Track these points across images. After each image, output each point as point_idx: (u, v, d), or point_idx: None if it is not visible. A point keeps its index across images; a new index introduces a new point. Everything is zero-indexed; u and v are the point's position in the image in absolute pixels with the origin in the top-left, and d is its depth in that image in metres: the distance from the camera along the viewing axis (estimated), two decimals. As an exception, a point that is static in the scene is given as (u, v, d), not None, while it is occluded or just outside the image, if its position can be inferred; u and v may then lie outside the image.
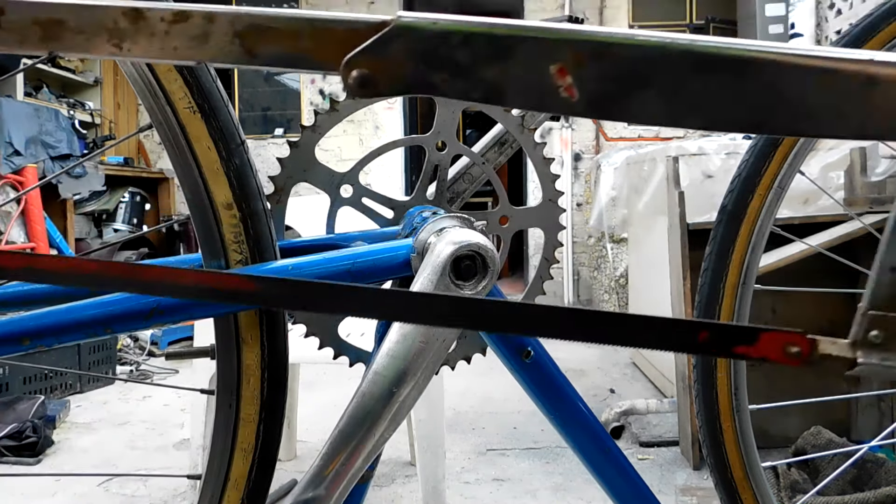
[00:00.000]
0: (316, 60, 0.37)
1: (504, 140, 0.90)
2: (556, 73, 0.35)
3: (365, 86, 0.36)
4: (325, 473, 0.58)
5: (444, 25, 0.35)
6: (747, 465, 1.02)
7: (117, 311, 0.63)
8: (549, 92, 0.35)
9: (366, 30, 0.36)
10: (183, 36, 0.37)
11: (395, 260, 0.67)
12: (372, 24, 0.36)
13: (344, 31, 0.36)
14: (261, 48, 0.37)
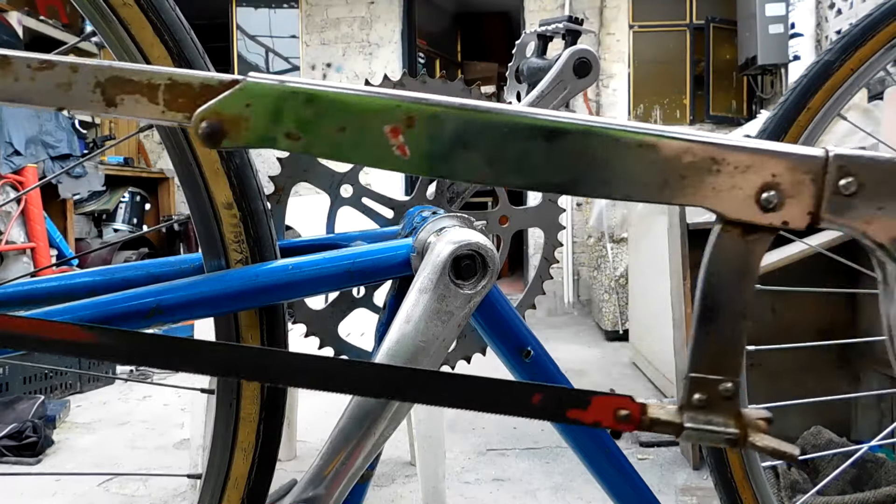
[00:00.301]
0: (171, 112, 0.40)
1: (504, 140, 0.90)
2: (390, 132, 0.38)
3: (212, 137, 0.39)
4: (325, 473, 0.58)
5: (289, 87, 0.39)
6: (747, 465, 1.02)
7: (117, 311, 0.63)
8: (384, 150, 0.38)
9: (218, 87, 0.39)
10: (48, 83, 0.40)
11: (394, 259, 0.67)
12: (224, 81, 0.39)
13: (199, 87, 0.40)
14: (120, 99, 0.40)
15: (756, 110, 6.04)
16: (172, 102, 0.40)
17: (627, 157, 0.38)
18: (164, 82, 0.40)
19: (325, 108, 0.39)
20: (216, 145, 0.39)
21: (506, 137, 0.38)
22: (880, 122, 2.36)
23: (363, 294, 0.82)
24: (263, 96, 0.39)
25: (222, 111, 0.39)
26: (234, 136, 0.39)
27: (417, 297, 0.58)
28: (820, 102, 0.92)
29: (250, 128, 0.39)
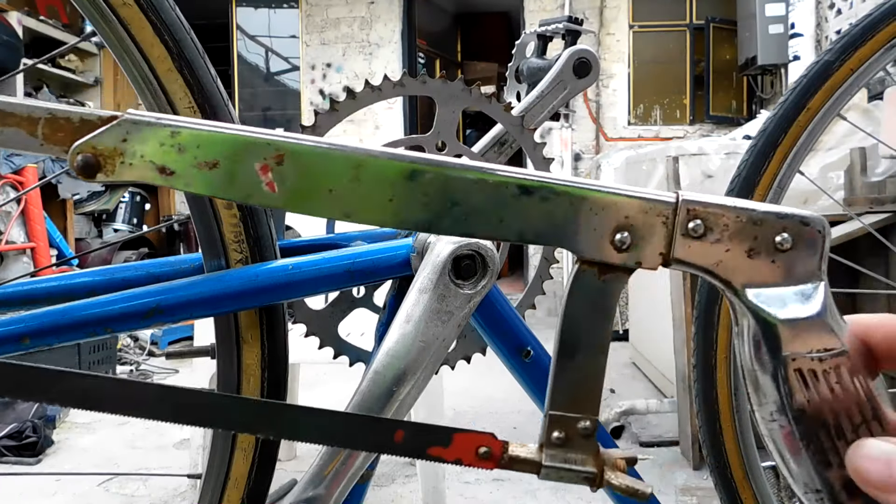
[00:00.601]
0: (48, 145, 0.42)
1: (504, 140, 0.90)
2: (259, 169, 0.39)
3: (86, 169, 0.40)
4: (324, 473, 0.58)
5: (166, 124, 0.40)
6: (747, 465, 1.02)
7: (117, 311, 0.63)
8: (254, 186, 0.39)
9: (97, 122, 0.41)
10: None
11: (394, 259, 0.67)
12: (103, 117, 0.41)
13: (78, 122, 0.41)
14: (1, 132, 0.42)
15: (756, 110, 6.04)
16: (51, 136, 0.42)
17: (485, 197, 0.39)
18: (43, 116, 0.42)
19: (196, 145, 0.40)
20: (90, 178, 0.40)
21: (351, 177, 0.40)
22: (880, 122, 2.36)
23: (363, 294, 0.82)
24: (139, 132, 0.40)
25: (98, 145, 0.40)
26: (108, 169, 0.40)
27: (417, 296, 0.58)
28: (820, 102, 0.92)
29: (125, 162, 0.40)
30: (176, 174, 0.40)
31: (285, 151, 0.39)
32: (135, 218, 5.80)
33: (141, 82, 0.62)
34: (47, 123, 0.42)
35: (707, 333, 1.01)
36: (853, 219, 2.03)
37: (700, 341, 1.02)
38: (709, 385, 1.02)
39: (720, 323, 1.00)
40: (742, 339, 0.38)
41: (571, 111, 5.87)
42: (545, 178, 0.39)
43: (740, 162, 0.97)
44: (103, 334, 0.63)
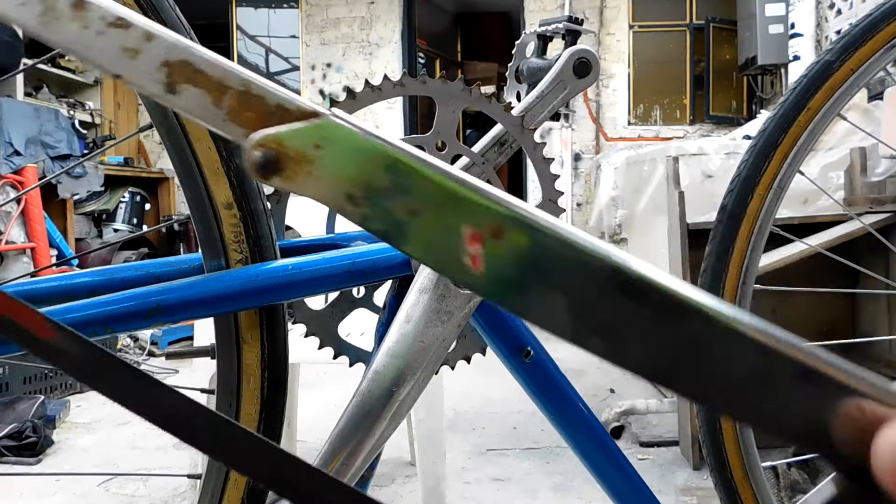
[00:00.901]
0: (230, 123, 0.34)
1: (504, 140, 0.90)
2: (468, 236, 0.31)
3: (264, 169, 0.33)
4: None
5: (372, 143, 0.32)
6: (747, 465, 1.02)
7: (117, 311, 0.63)
8: (452, 253, 0.32)
9: (294, 112, 0.33)
10: (115, 42, 0.35)
11: (394, 259, 0.67)
12: (304, 109, 0.33)
13: (273, 106, 0.34)
14: (183, 88, 0.35)
15: (756, 110, 6.04)
16: (237, 113, 0.35)
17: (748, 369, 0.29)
18: (236, 87, 0.34)
19: (403, 181, 0.32)
20: (264, 179, 0.33)
21: (607, 293, 0.30)
22: (880, 122, 2.36)
23: (363, 294, 0.82)
24: (338, 142, 0.32)
25: (286, 143, 0.33)
26: (289, 176, 0.33)
27: (417, 297, 0.58)
28: (820, 102, 0.92)
29: (312, 174, 0.32)
30: (362, 209, 0.32)
31: (508, 224, 0.31)
32: (135, 218, 5.80)
33: (141, 82, 0.62)
34: (238, 97, 0.34)
35: (707, 333, 1.01)
36: (853, 219, 2.03)
37: (700, 341, 1.02)
38: (709, 385, 1.02)
39: (720, 323, 1.00)
40: None
41: (571, 111, 5.88)
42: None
43: (740, 162, 0.97)
44: (103, 334, 0.63)
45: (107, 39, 0.35)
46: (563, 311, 0.31)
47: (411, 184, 0.32)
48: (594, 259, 0.30)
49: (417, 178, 0.32)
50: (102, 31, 0.35)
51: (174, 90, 0.35)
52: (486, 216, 0.31)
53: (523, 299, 0.31)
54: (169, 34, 0.35)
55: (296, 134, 0.33)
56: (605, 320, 0.30)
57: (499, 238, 0.31)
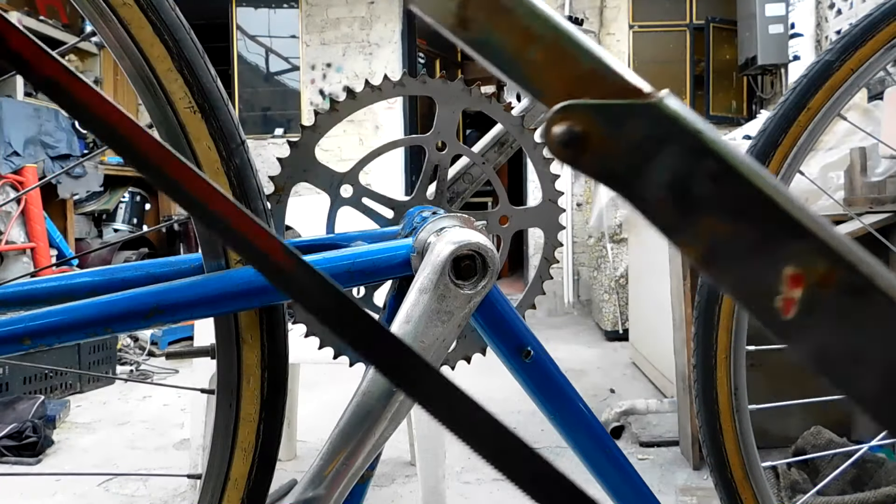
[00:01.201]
0: (530, 78, 0.28)
1: (504, 140, 0.90)
2: (788, 276, 0.27)
3: (567, 146, 0.27)
4: (325, 473, 0.58)
5: (707, 140, 0.27)
6: (747, 465, 1.02)
7: (117, 311, 0.63)
8: (763, 290, 0.27)
9: (613, 85, 0.27)
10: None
11: (394, 259, 0.67)
12: (629, 84, 0.28)
13: (586, 68, 0.28)
14: (478, 26, 0.28)
15: (756, 110, 6.04)
16: (541, 69, 0.28)
17: None
18: (547, 37, 0.28)
19: (730, 194, 0.27)
20: (570, 159, 0.27)
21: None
22: (880, 122, 2.36)
23: (363, 294, 0.82)
24: (665, 133, 0.27)
25: (599, 120, 0.27)
26: (593, 157, 0.27)
27: (417, 297, 0.58)
28: (820, 102, 0.92)
29: (621, 161, 0.27)
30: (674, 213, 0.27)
31: (844, 272, 0.26)
32: (135, 218, 5.80)
33: (141, 82, 0.62)
34: (547, 50, 0.28)
35: (707, 333, 1.01)
36: (853, 219, 2.03)
37: (700, 341, 1.02)
38: (709, 385, 1.02)
39: (720, 323, 1.00)
40: None
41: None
42: None
43: (740, 162, 0.97)
44: (103, 334, 0.63)
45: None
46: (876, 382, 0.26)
47: (738, 199, 0.27)
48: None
49: (748, 194, 0.27)
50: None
51: (467, 25, 0.29)
52: (818, 259, 0.26)
53: (835, 366, 0.27)
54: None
55: (615, 114, 0.27)
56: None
57: (826, 287, 0.26)
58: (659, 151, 0.27)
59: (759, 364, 2.21)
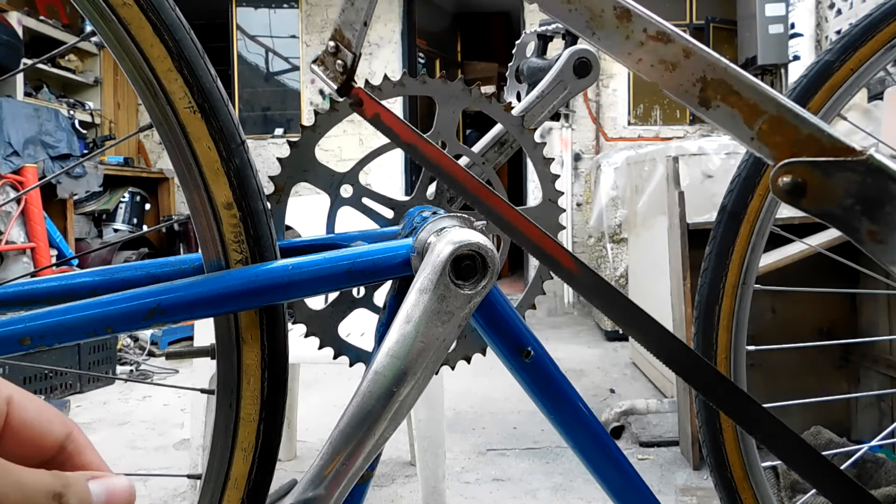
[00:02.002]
0: (759, 142, 0.37)
1: (504, 140, 0.90)
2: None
3: (792, 193, 0.36)
4: (325, 473, 0.58)
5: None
6: (747, 465, 1.02)
7: (117, 311, 0.63)
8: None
9: (828, 146, 0.36)
10: (653, 54, 0.39)
11: (394, 259, 0.67)
12: (840, 145, 0.36)
13: (804, 134, 0.36)
14: (716, 104, 0.38)
15: (756, 110, 6.04)
16: (767, 135, 0.37)
17: None
18: (771, 112, 0.37)
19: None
20: (787, 200, 0.36)
21: None
22: (880, 122, 2.36)
23: (363, 294, 0.82)
24: (873, 182, 0.35)
25: (815, 174, 0.35)
26: (811, 201, 0.36)
27: (417, 297, 0.58)
28: (820, 103, 0.92)
29: (833, 202, 0.35)
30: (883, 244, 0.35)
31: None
32: (135, 218, 5.80)
33: (141, 82, 0.62)
34: (771, 121, 0.37)
35: (707, 334, 1.01)
36: (853, 219, 2.03)
37: (700, 341, 1.02)
38: (709, 385, 1.02)
39: (720, 323, 1.00)
40: None
41: (571, 111, 5.88)
42: None
43: (741, 162, 0.97)
44: (104, 335, 0.63)
45: (646, 50, 0.39)
46: None
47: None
48: None
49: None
50: (643, 42, 0.40)
51: (707, 104, 0.38)
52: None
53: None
54: (708, 53, 0.39)
55: (830, 167, 0.35)
56: None
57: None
58: (870, 196, 0.35)
59: (759, 364, 2.22)
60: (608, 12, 0.40)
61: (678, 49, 0.39)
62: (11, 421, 0.32)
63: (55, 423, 0.34)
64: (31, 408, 0.33)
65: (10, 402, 0.32)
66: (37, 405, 0.33)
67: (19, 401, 0.33)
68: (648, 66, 0.40)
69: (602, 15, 0.40)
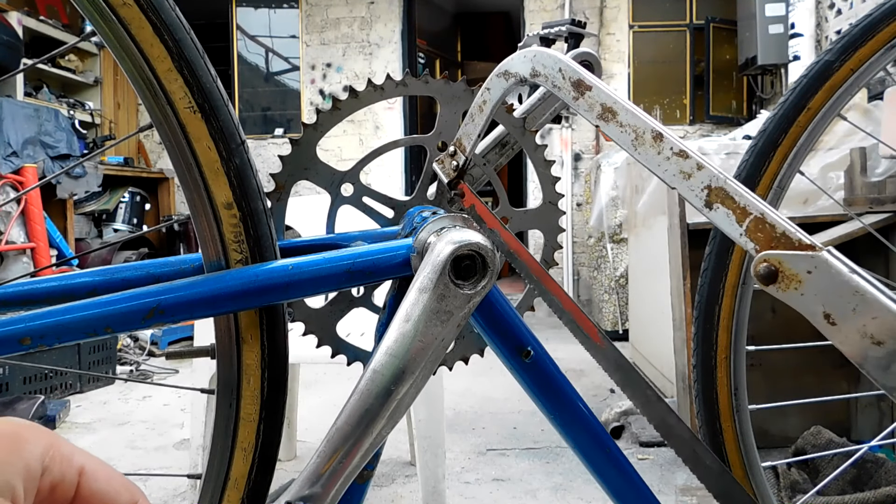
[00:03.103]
0: (746, 237, 0.48)
1: (505, 141, 0.90)
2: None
3: (765, 277, 0.46)
4: (321, 471, 0.58)
5: (854, 282, 0.43)
6: (747, 465, 1.02)
7: (116, 311, 0.63)
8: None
9: (795, 243, 0.46)
10: (676, 166, 0.52)
11: (394, 259, 0.67)
12: (804, 242, 0.46)
13: (779, 233, 0.47)
14: (716, 206, 0.50)
15: (756, 110, 6.04)
16: (752, 232, 0.48)
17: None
18: (756, 214, 0.48)
19: (872, 316, 0.42)
20: (764, 285, 0.46)
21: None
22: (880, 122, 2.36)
23: (363, 293, 0.82)
24: (827, 275, 0.43)
25: (785, 263, 0.45)
26: (782, 287, 0.45)
27: (417, 296, 0.58)
28: (820, 102, 0.92)
29: (798, 291, 0.44)
30: (839, 330, 0.43)
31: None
32: (135, 218, 5.80)
33: (140, 82, 0.62)
34: (756, 221, 0.48)
35: (707, 334, 1.01)
36: (853, 219, 2.03)
37: (700, 341, 1.02)
38: (709, 385, 1.02)
39: (720, 323, 1.00)
40: None
41: (572, 112, 5.88)
42: None
43: (740, 162, 0.97)
44: (103, 335, 0.63)
45: (671, 163, 0.52)
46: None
47: (881, 318, 0.42)
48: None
49: (886, 313, 0.42)
50: (669, 157, 0.52)
51: (710, 206, 0.51)
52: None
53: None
54: (712, 167, 0.51)
55: (796, 259, 0.45)
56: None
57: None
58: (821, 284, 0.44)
59: (759, 364, 2.21)
60: (648, 134, 0.54)
61: (693, 164, 0.51)
62: (82, 491, 0.33)
63: (122, 493, 0.34)
64: (102, 477, 0.34)
65: (83, 472, 0.33)
66: (107, 474, 0.34)
67: (91, 471, 0.33)
68: (671, 175, 0.52)
69: (643, 136, 0.55)
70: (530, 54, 0.67)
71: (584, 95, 0.61)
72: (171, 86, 0.61)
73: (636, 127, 0.56)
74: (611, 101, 0.58)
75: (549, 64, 0.65)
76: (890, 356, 0.41)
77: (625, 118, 0.57)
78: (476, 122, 0.75)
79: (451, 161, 0.77)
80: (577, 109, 0.61)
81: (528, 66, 0.68)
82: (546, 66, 0.66)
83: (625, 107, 0.57)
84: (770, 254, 0.45)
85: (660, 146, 0.53)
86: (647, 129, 0.54)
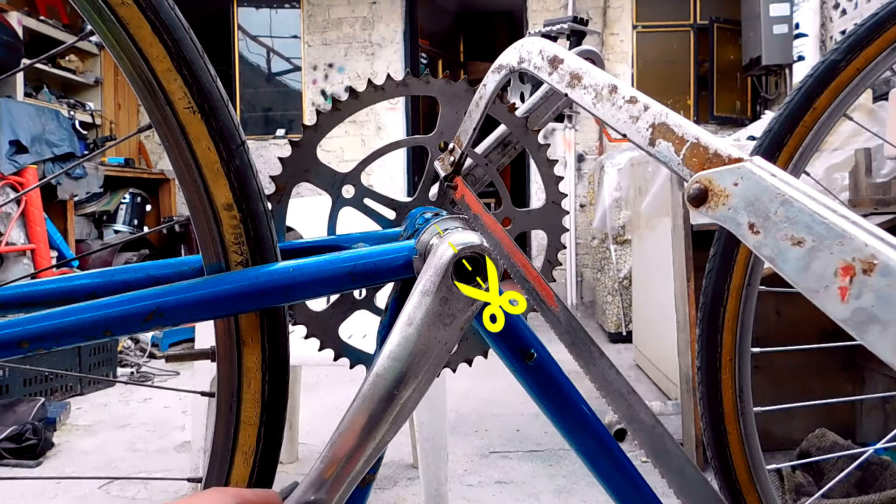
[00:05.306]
0: (683, 166, 0.48)
1: (508, 141, 0.89)
2: (840, 269, 0.36)
3: (695, 198, 0.45)
4: (325, 476, 0.57)
5: (778, 189, 0.41)
6: (752, 468, 1.01)
7: (117, 314, 0.62)
8: (824, 282, 0.38)
9: (724, 159, 0.45)
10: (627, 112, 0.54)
11: (396, 261, 0.66)
12: (731, 156, 0.45)
13: (711, 153, 0.47)
14: (659, 142, 0.51)
15: (760, 111, 6.03)
16: (689, 159, 0.48)
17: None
18: (691, 140, 0.48)
19: (790, 217, 0.39)
20: (694, 207, 0.45)
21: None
22: (885, 122, 2.35)
23: (364, 296, 0.81)
24: (750, 182, 0.42)
25: (713, 181, 0.44)
26: (711, 205, 0.44)
27: (420, 299, 0.58)
28: (826, 102, 0.92)
29: (725, 204, 0.43)
30: (760, 235, 0.41)
31: (881, 263, 0.35)
32: (135, 219, 5.80)
33: (139, 82, 0.61)
34: (691, 147, 0.48)
35: (711, 335, 1.00)
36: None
37: (704, 343, 1.01)
38: (713, 387, 1.01)
39: (725, 325, 0.99)
40: None
41: (575, 112, 5.87)
42: None
43: (745, 162, 0.97)
44: (102, 338, 0.62)
45: (623, 111, 0.54)
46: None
47: (797, 220, 0.39)
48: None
49: (805, 214, 0.39)
50: (621, 106, 0.54)
51: (653, 143, 0.51)
52: (860, 253, 0.36)
53: (880, 336, 0.36)
54: (655, 105, 0.53)
55: (721, 175, 0.44)
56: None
57: (869, 274, 0.35)
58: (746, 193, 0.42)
59: (764, 366, 2.20)
60: (605, 90, 0.56)
61: (641, 106, 0.53)
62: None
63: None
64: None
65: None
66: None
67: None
68: (623, 122, 0.53)
69: (602, 92, 0.56)
70: (518, 44, 0.69)
71: (557, 69, 0.62)
72: (171, 86, 0.61)
73: (596, 85, 0.57)
74: (576, 67, 0.60)
75: (532, 49, 0.66)
76: (808, 255, 0.38)
77: (588, 80, 0.58)
78: (473, 117, 0.76)
79: (449, 156, 0.80)
80: (551, 84, 0.62)
81: (516, 55, 0.69)
82: (530, 52, 0.67)
83: (589, 70, 0.59)
84: (700, 174, 0.45)
85: (614, 97, 0.54)
86: (605, 84, 0.55)
